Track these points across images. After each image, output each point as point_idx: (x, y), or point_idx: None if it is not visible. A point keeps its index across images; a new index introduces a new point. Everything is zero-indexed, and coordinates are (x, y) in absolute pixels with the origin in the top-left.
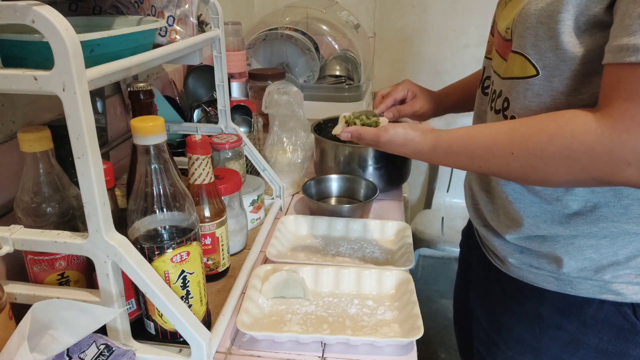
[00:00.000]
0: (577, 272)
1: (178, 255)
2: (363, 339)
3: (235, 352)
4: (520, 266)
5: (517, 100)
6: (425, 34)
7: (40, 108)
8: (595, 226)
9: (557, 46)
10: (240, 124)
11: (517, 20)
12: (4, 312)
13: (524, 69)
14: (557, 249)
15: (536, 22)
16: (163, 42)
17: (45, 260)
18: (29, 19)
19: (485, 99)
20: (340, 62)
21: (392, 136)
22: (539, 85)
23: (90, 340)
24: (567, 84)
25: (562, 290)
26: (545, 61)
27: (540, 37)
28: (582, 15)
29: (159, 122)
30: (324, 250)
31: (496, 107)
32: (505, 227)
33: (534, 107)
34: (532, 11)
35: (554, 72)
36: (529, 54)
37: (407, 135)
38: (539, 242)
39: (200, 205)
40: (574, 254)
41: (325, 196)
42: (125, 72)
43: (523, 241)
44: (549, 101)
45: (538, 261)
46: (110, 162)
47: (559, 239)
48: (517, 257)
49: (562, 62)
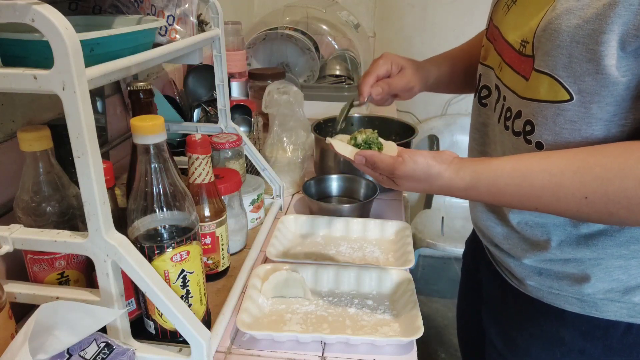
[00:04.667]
0: (604, 294)
1: (178, 255)
2: (363, 338)
3: (235, 351)
4: (540, 287)
5: (545, 125)
6: (425, 34)
7: (40, 107)
8: (626, 248)
9: (598, 70)
10: (240, 123)
11: (541, 35)
12: (4, 311)
13: (554, 93)
14: (581, 271)
15: (570, 41)
16: (163, 42)
17: (45, 260)
18: (28, 17)
19: (485, 111)
20: (340, 62)
21: (411, 170)
22: (573, 112)
23: (91, 339)
24: (608, 110)
25: (585, 312)
26: (581, 85)
27: (575, 58)
28: (631, 36)
29: (159, 121)
30: (324, 250)
31: (514, 129)
32: (522, 251)
33: (566, 134)
34: (563, 28)
35: (593, 98)
36: (560, 76)
37: (431, 170)
38: (562, 264)
39: (200, 205)
40: (601, 275)
41: (325, 196)
42: (125, 72)
43: (543, 263)
44: (584, 128)
45: (559, 283)
46: (110, 162)
47: (584, 260)
48: (536, 279)
49: (603, 88)
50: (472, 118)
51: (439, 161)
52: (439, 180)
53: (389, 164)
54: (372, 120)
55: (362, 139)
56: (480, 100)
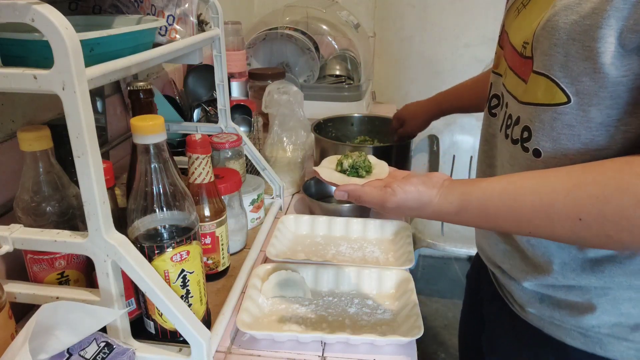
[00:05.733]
0: (609, 329)
1: (178, 255)
2: (363, 338)
3: (235, 351)
4: (541, 316)
5: (542, 131)
6: (425, 34)
7: (40, 107)
8: (637, 278)
9: (596, 69)
10: (240, 123)
11: (539, 34)
12: (4, 311)
13: (551, 95)
14: (586, 300)
15: (567, 39)
16: (163, 42)
17: (45, 260)
18: (28, 17)
19: (494, 121)
20: (340, 62)
21: (402, 201)
22: (571, 115)
23: (91, 338)
24: (609, 114)
25: (589, 349)
26: (579, 86)
27: (572, 57)
28: (630, 32)
29: (159, 121)
30: (324, 250)
31: (513, 136)
32: (522, 272)
33: (564, 140)
34: (560, 25)
35: (591, 100)
36: (556, 76)
37: (422, 197)
38: (565, 291)
39: (200, 205)
40: (607, 306)
41: (325, 196)
42: (125, 71)
43: (544, 289)
44: (584, 133)
45: (560, 312)
46: (110, 161)
47: (589, 288)
48: (536, 306)
49: (601, 89)
50: (482, 129)
51: (429, 186)
52: (429, 207)
53: (378, 197)
54: (372, 120)
55: (348, 164)
56: (490, 110)
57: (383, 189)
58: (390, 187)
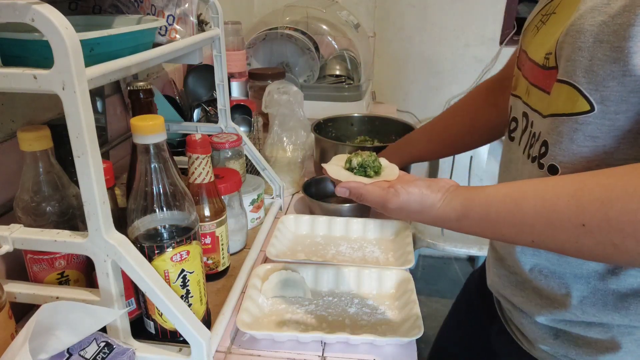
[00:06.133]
0: None
1: (178, 255)
2: (363, 338)
3: (235, 351)
4: (554, 354)
5: (560, 144)
6: (425, 34)
7: (40, 107)
8: None
9: (626, 72)
10: (240, 123)
11: (563, 40)
12: (4, 311)
13: (572, 103)
14: (608, 338)
15: (593, 41)
16: (163, 41)
17: (45, 260)
18: (28, 17)
19: (512, 146)
20: (340, 62)
21: (404, 202)
22: (595, 125)
23: (91, 338)
24: (637, 120)
25: None
26: (604, 92)
27: (597, 59)
28: None
29: (159, 121)
30: (324, 250)
31: (532, 154)
32: (536, 306)
33: (587, 153)
34: (586, 27)
35: (619, 107)
36: (579, 82)
37: (425, 200)
38: (583, 327)
39: (200, 205)
40: (632, 347)
41: (325, 196)
42: (125, 71)
43: (560, 324)
44: (609, 144)
45: (577, 351)
46: (110, 161)
47: (611, 326)
48: (550, 343)
49: (632, 94)
50: (502, 155)
51: (434, 190)
52: (432, 211)
53: (379, 197)
54: (372, 120)
55: (357, 162)
56: (509, 134)
57: (386, 189)
58: (393, 188)
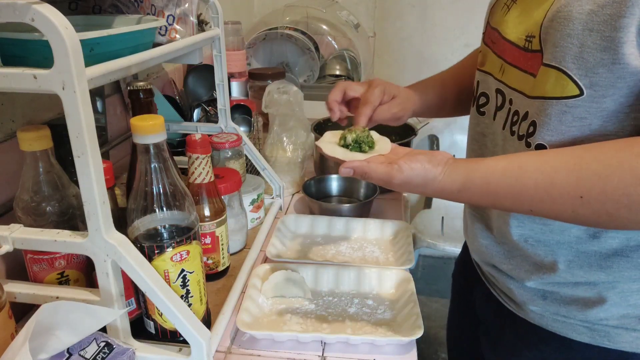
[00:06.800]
0: (618, 320)
1: (178, 255)
2: (363, 338)
3: (235, 351)
4: (543, 313)
5: (549, 125)
6: (425, 34)
7: (40, 107)
8: None
9: (615, 60)
10: (240, 123)
11: (548, 25)
12: (4, 311)
13: (561, 88)
14: (594, 295)
15: (582, 29)
16: (163, 41)
17: (45, 260)
18: (28, 17)
19: (483, 120)
20: (340, 62)
21: (408, 177)
22: (584, 107)
23: (91, 338)
24: (622, 102)
25: (596, 342)
26: (594, 78)
27: (587, 47)
28: None
29: (159, 120)
30: (324, 250)
31: (519, 133)
32: (525, 272)
33: (574, 132)
34: (574, 14)
35: (607, 92)
36: (569, 68)
37: (427, 174)
38: (571, 287)
39: (200, 205)
40: (616, 299)
41: (325, 195)
42: (125, 71)
43: (549, 286)
44: (596, 122)
45: (567, 308)
46: (110, 161)
47: (597, 283)
48: (539, 303)
49: (619, 80)
50: (470, 128)
51: (435, 164)
52: (434, 184)
53: (384, 174)
54: None
55: (352, 138)
56: (478, 108)
57: (389, 165)
58: (397, 164)
